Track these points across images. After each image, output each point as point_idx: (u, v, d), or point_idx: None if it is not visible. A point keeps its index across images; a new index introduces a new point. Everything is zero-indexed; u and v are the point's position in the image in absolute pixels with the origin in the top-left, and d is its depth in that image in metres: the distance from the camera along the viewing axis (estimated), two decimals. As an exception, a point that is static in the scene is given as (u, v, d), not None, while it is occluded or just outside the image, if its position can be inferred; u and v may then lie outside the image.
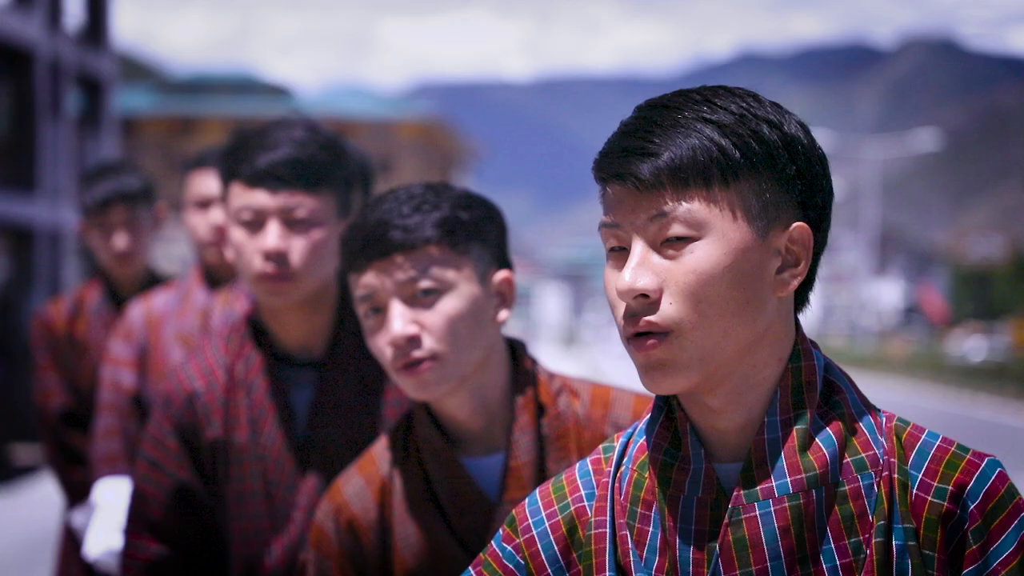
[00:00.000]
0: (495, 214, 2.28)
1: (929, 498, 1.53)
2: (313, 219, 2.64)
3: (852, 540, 1.53)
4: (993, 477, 1.54)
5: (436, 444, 2.22)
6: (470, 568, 1.72)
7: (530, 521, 1.68)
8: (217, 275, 4.00)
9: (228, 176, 2.68)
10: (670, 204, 1.53)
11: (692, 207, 1.53)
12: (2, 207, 23.34)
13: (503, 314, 2.26)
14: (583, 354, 69.76)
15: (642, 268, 1.54)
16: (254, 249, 2.63)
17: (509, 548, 1.69)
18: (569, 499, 1.68)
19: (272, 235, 2.62)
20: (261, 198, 2.63)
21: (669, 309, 1.52)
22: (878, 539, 1.52)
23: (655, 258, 1.54)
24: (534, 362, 2.32)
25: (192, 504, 2.67)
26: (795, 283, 1.58)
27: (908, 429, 1.59)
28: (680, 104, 1.57)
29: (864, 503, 1.53)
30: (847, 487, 1.54)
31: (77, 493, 4.50)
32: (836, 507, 1.53)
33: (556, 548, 1.66)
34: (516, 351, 2.31)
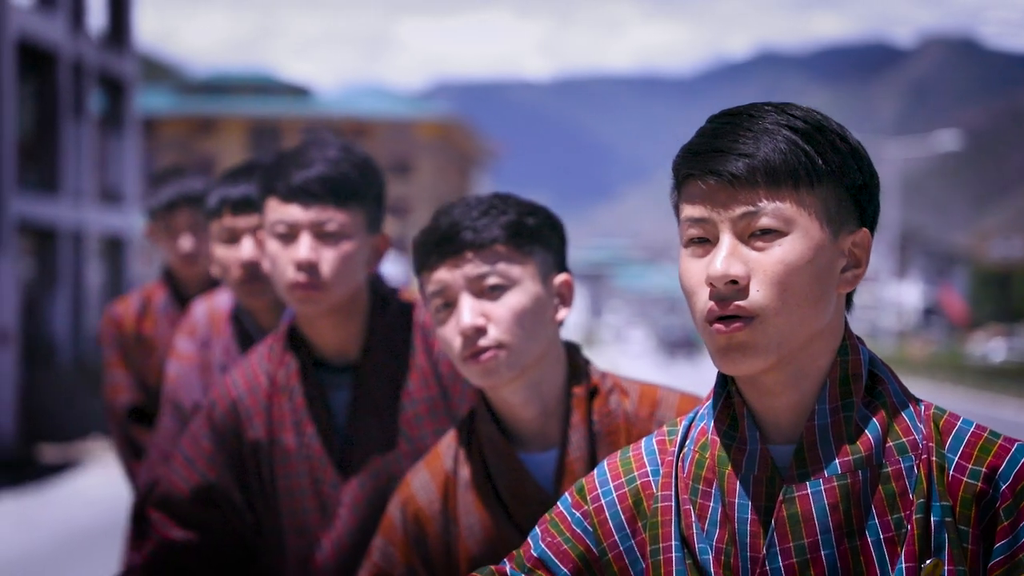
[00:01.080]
0: (557, 224, 2.45)
1: (964, 479, 1.67)
2: (343, 232, 2.78)
3: (895, 516, 1.67)
4: (1023, 460, 1.67)
5: (496, 441, 2.38)
6: (536, 527, 1.87)
7: (599, 491, 1.83)
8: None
9: (265, 191, 2.83)
10: (764, 201, 1.68)
11: (783, 205, 1.68)
12: (25, 207, 23.46)
13: (563, 313, 2.43)
14: (602, 354, 69.72)
15: (733, 257, 1.68)
16: (287, 260, 2.78)
17: (578, 514, 1.84)
18: (635, 473, 1.83)
19: (304, 247, 2.76)
20: (295, 212, 2.77)
21: (757, 295, 1.67)
22: (918, 515, 1.67)
23: (743, 249, 1.69)
24: (587, 362, 2.47)
25: (216, 502, 2.82)
26: (856, 282, 1.74)
27: (945, 416, 1.74)
28: (760, 113, 1.72)
29: (905, 483, 1.68)
30: (890, 468, 1.68)
31: None
32: (880, 487, 1.68)
33: (623, 517, 1.81)
34: (572, 352, 2.47)
